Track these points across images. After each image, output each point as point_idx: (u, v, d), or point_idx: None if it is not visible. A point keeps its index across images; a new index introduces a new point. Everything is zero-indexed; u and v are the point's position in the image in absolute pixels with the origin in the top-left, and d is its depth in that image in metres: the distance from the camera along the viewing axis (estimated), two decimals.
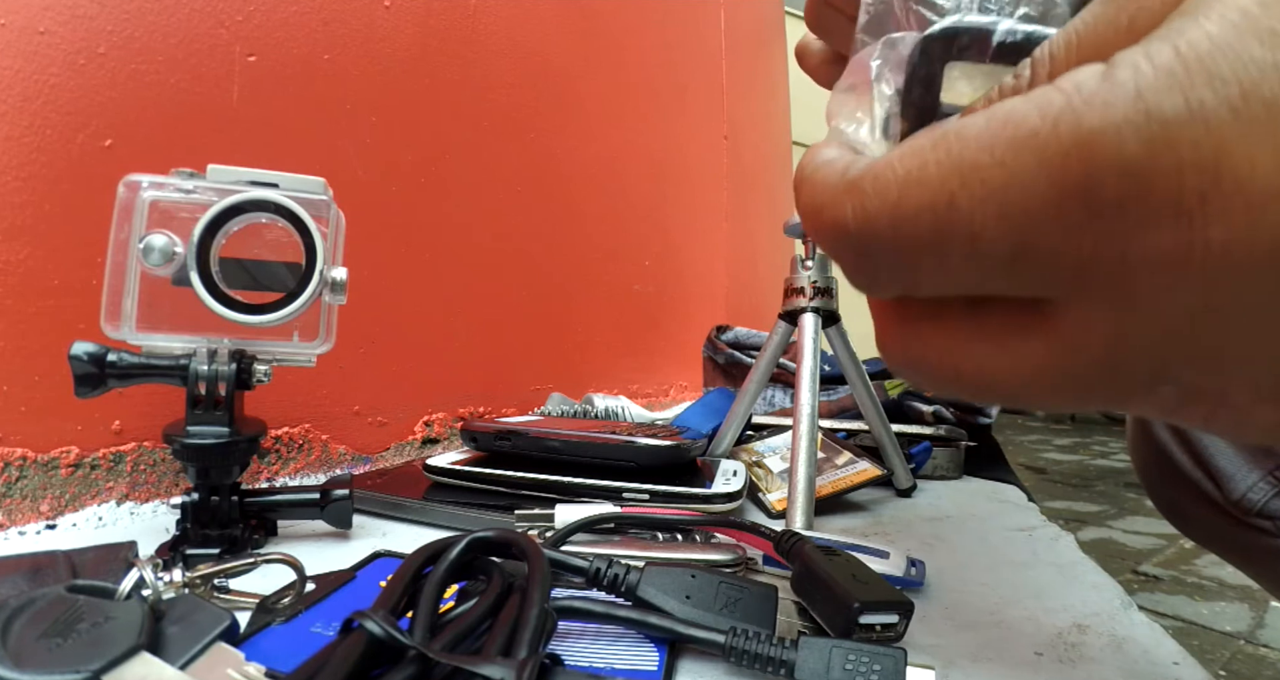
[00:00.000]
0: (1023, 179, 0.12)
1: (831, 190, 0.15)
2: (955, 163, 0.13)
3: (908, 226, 0.13)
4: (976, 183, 0.12)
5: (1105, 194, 0.11)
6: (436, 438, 0.57)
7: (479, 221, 0.62)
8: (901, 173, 0.13)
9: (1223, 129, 0.11)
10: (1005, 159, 0.12)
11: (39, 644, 0.17)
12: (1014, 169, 0.12)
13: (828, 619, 0.22)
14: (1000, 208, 0.12)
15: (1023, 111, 0.12)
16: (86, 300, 0.36)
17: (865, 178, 0.14)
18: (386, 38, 0.53)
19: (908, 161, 0.13)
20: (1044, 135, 0.12)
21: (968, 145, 0.13)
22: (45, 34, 0.36)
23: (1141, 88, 0.11)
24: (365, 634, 0.16)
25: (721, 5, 1.12)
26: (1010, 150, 0.12)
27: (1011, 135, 0.12)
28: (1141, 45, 0.12)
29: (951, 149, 0.13)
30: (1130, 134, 0.11)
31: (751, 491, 0.41)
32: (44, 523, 0.35)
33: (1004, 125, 0.12)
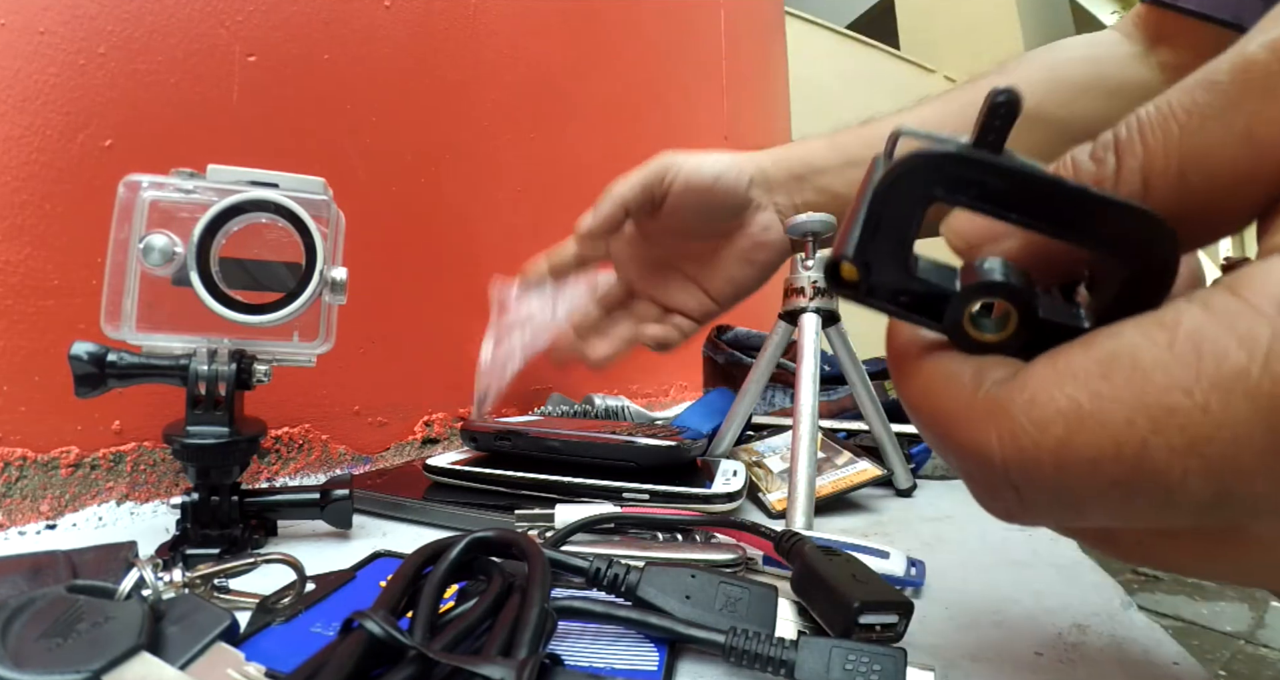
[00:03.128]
0: (1235, 429, 0.10)
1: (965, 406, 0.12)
2: (1142, 402, 0.11)
3: (1081, 471, 0.11)
4: (1175, 429, 0.10)
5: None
6: (436, 438, 0.57)
7: (479, 221, 0.62)
8: (1066, 405, 0.11)
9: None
10: (1210, 404, 0.10)
11: (39, 644, 0.17)
12: (1222, 417, 0.10)
13: (828, 619, 0.22)
14: (1206, 460, 0.10)
15: (1217, 340, 0.10)
16: (86, 300, 0.36)
17: (1015, 403, 0.12)
18: (386, 38, 0.53)
19: (1073, 390, 0.11)
20: (1256, 377, 0.10)
21: (1154, 380, 0.11)
22: (45, 34, 0.36)
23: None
24: (365, 634, 0.16)
25: (721, 5, 1.12)
26: (1217, 393, 0.10)
27: (1214, 374, 0.10)
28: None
29: (1133, 382, 0.11)
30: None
31: (751, 491, 0.41)
32: (44, 523, 0.35)
33: (1198, 357, 0.10)
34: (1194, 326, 0.11)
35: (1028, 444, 0.11)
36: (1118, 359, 0.11)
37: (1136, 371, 0.11)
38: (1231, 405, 0.10)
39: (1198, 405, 0.10)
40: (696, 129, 1.05)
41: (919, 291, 0.13)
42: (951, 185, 0.12)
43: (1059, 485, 0.11)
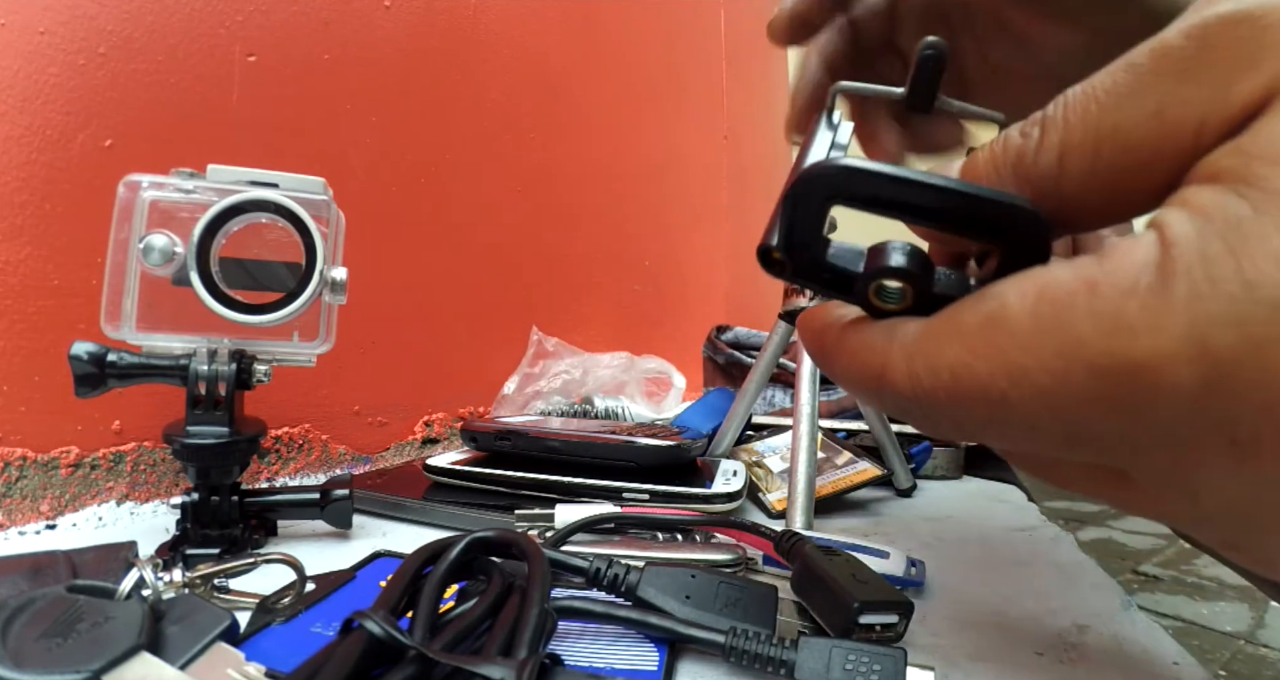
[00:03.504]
0: (1072, 388, 0.12)
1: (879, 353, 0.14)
2: (1003, 361, 0.12)
3: (967, 409, 0.13)
4: (1027, 386, 0.12)
5: (1157, 416, 0.11)
6: (436, 438, 0.57)
7: (479, 221, 0.62)
8: (952, 357, 0.13)
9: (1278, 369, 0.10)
10: (1053, 367, 0.12)
11: (39, 644, 0.17)
12: (1062, 378, 0.12)
13: (828, 619, 0.22)
14: (1051, 409, 0.12)
15: (1071, 312, 0.12)
16: (86, 300, 0.36)
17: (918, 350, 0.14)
18: (386, 38, 0.53)
19: (956, 345, 0.13)
20: (1094, 349, 0.11)
21: (1015, 342, 0.12)
22: (45, 34, 0.36)
23: (1197, 313, 0.10)
24: (365, 634, 0.16)
25: (721, 5, 1.12)
26: (1059, 359, 0.12)
27: (1060, 342, 0.12)
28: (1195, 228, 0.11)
29: (997, 343, 0.12)
30: (1184, 368, 0.10)
31: (751, 491, 0.41)
32: (44, 523, 0.35)
33: (1053, 326, 0.12)
34: (1055, 293, 0.12)
35: (927, 387, 0.13)
36: (992, 320, 0.13)
37: (1003, 332, 0.12)
38: (1070, 368, 0.11)
39: (1044, 367, 0.12)
40: (696, 129, 1.05)
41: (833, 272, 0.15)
42: (845, 194, 0.14)
43: (956, 417, 0.13)
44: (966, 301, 0.13)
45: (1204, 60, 0.11)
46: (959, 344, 0.13)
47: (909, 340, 0.14)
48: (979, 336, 0.13)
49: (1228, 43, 0.11)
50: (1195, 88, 0.11)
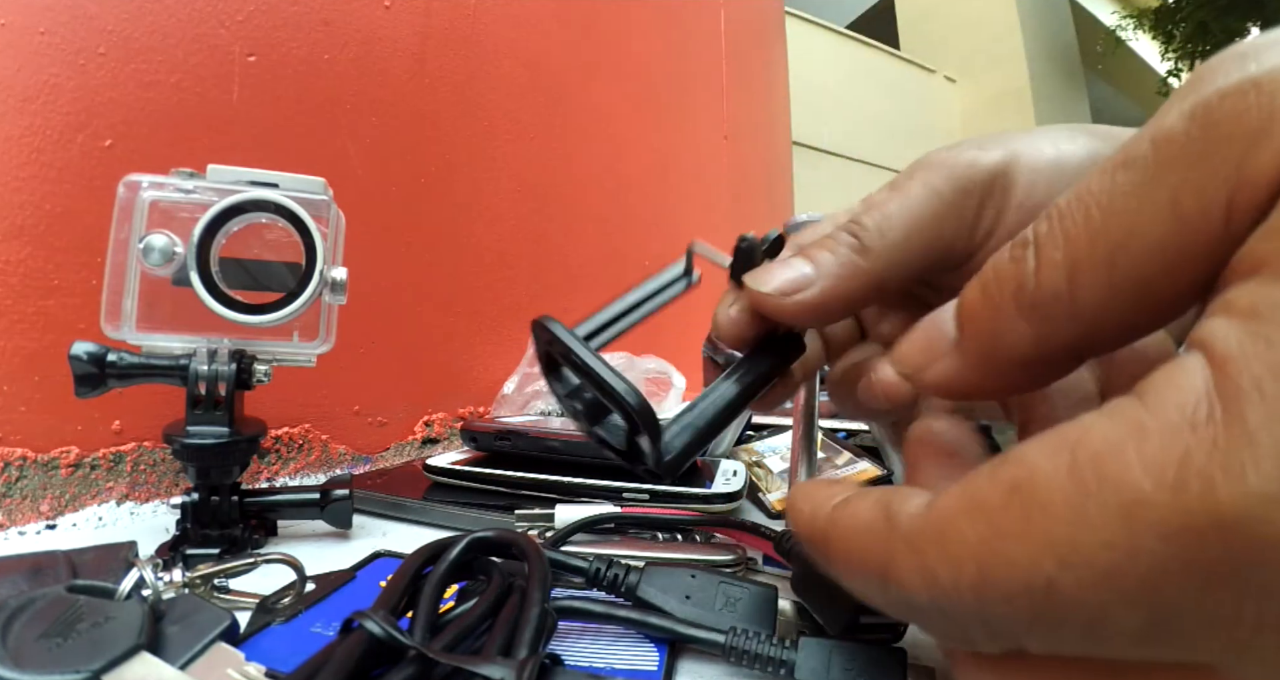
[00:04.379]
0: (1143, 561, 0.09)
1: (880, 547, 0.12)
2: (1045, 539, 0.10)
3: (1000, 608, 0.11)
4: (1081, 565, 0.10)
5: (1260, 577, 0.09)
6: (436, 438, 0.57)
7: (479, 221, 0.62)
8: (975, 542, 0.11)
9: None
10: (1115, 539, 0.09)
11: (39, 644, 0.17)
12: (1129, 550, 0.09)
13: (828, 619, 0.22)
14: (1120, 595, 0.10)
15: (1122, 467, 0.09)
16: (86, 300, 0.36)
17: (923, 538, 0.11)
18: (386, 38, 0.53)
19: (977, 526, 0.11)
20: (1163, 510, 0.09)
21: (1054, 513, 0.10)
22: (45, 34, 0.36)
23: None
24: (365, 634, 0.16)
25: (721, 5, 1.12)
26: (1121, 528, 0.09)
27: (1115, 505, 0.09)
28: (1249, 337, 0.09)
29: (1033, 518, 0.10)
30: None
31: (751, 491, 0.41)
32: (44, 523, 0.35)
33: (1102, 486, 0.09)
34: (1095, 446, 0.10)
35: (946, 584, 0.11)
36: (1020, 489, 0.10)
37: (1037, 503, 0.10)
38: (1137, 540, 0.09)
39: (1101, 541, 0.09)
40: (696, 129, 1.05)
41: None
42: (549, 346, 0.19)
43: (986, 618, 0.11)
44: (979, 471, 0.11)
45: (1213, 138, 0.10)
46: (981, 524, 0.11)
47: (914, 526, 0.12)
48: (1006, 512, 0.10)
49: (1235, 115, 0.10)
50: (1210, 170, 0.10)
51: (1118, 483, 0.09)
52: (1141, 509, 0.09)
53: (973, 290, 0.13)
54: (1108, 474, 0.09)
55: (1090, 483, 0.10)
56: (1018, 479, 0.10)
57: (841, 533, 0.13)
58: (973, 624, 0.11)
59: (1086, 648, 0.11)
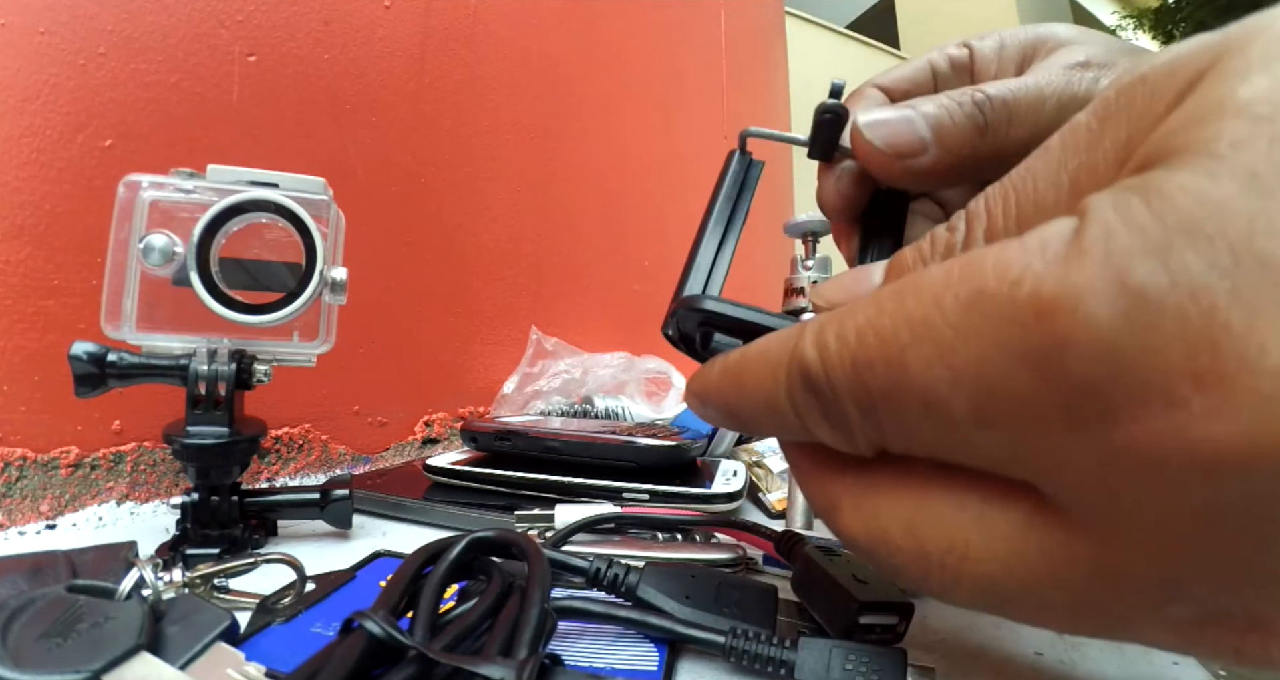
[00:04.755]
0: (975, 345, 0.10)
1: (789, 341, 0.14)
2: (906, 315, 0.11)
3: (865, 376, 0.12)
4: (927, 341, 0.11)
5: (1073, 375, 0.10)
6: (436, 438, 0.57)
7: (479, 221, 0.62)
8: (862, 319, 0.12)
9: (1214, 297, 0.09)
10: (955, 319, 0.11)
11: (39, 644, 0.17)
12: (965, 332, 0.11)
13: (828, 619, 0.22)
14: (951, 373, 0.11)
15: (979, 266, 0.11)
16: (86, 300, 0.36)
17: (830, 321, 0.13)
18: (386, 38, 0.53)
19: (868, 308, 0.12)
20: (999, 297, 0.10)
21: (921, 297, 0.11)
22: (45, 34, 0.36)
23: (1113, 250, 0.09)
24: (365, 634, 0.16)
25: (721, 5, 1.12)
26: (961, 310, 0.11)
27: (965, 292, 0.11)
28: (1110, 193, 0.10)
29: (905, 299, 0.12)
30: (1101, 305, 0.09)
31: (751, 491, 0.41)
32: (44, 523, 0.35)
33: (960, 279, 0.11)
34: (970, 257, 0.11)
35: (833, 353, 0.13)
36: (906, 282, 0.12)
37: (912, 290, 0.12)
38: (973, 321, 0.11)
39: (946, 320, 0.11)
40: (696, 129, 1.05)
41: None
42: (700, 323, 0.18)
43: (855, 389, 0.13)
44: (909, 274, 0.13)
45: (1107, 129, 0.12)
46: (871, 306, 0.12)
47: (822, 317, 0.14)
48: (891, 296, 0.12)
49: (1127, 103, 0.11)
50: (1101, 153, 0.12)
51: (973, 277, 0.11)
52: (982, 298, 0.11)
53: (908, 250, 0.15)
54: (969, 271, 0.11)
55: (955, 276, 0.11)
56: (909, 278, 0.12)
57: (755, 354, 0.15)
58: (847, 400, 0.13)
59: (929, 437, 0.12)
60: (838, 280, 0.16)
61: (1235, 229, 0.09)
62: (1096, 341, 0.09)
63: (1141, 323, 0.09)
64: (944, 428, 0.12)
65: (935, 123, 0.19)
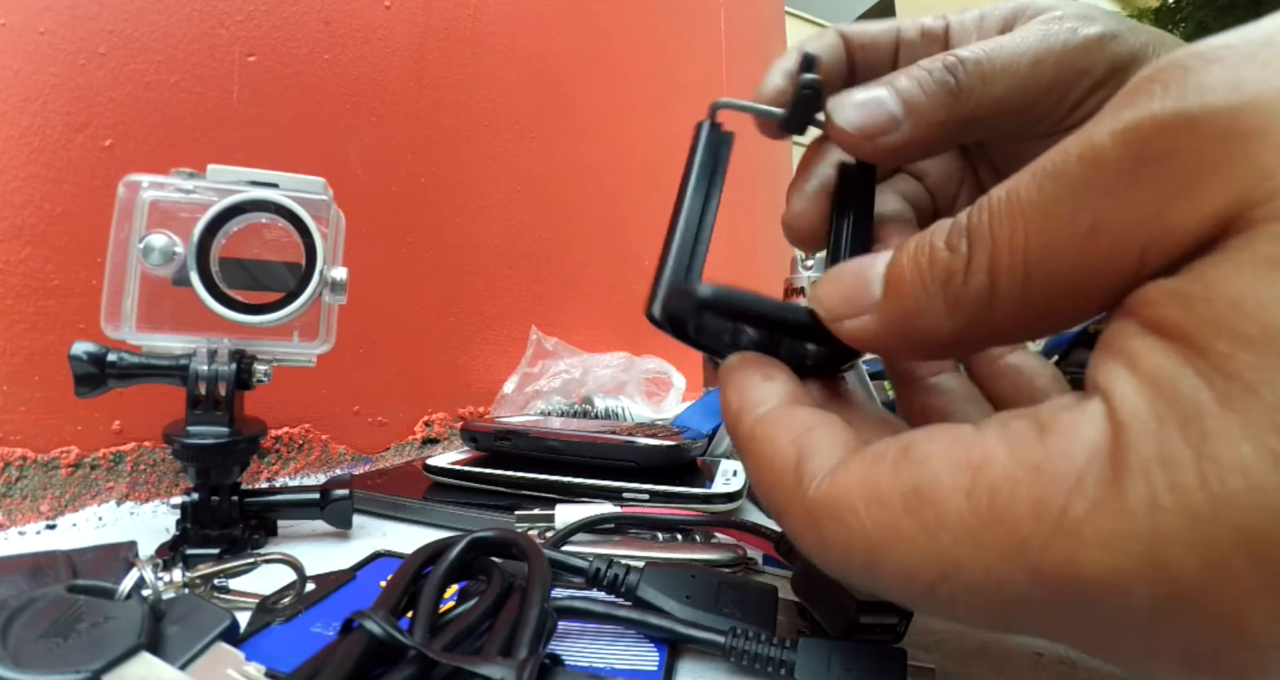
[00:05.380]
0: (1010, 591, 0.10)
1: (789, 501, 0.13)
2: (935, 552, 0.11)
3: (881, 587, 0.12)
4: (959, 582, 0.11)
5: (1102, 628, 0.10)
6: (436, 438, 0.57)
7: (479, 221, 0.62)
8: (870, 529, 0.12)
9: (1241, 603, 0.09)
10: (992, 566, 0.10)
11: (39, 644, 0.17)
12: (1001, 580, 0.10)
13: (828, 619, 0.22)
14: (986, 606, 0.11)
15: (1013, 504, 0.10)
16: (86, 300, 0.36)
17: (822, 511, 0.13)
18: (386, 38, 0.53)
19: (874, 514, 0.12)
20: (1038, 553, 0.10)
21: (948, 531, 0.11)
22: (45, 34, 0.36)
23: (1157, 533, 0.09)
24: (365, 634, 0.16)
25: (721, 5, 1.12)
26: (999, 559, 0.10)
27: (1001, 539, 0.10)
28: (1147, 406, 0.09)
29: (928, 527, 0.11)
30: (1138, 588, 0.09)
31: (751, 492, 0.41)
32: (44, 523, 0.35)
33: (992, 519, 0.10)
34: (995, 476, 0.11)
35: (837, 557, 0.13)
36: (920, 495, 0.11)
37: (933, 515, 0.11)
38: (1011, 572, 0.10)
39: (982, 567, 0.10)
40: None
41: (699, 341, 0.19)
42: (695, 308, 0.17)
43: (870, 588, 0.13)
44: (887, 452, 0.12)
45: (1141, 174, 0.10)
46: (878, 515, 0.12)
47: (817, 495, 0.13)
48: (904, 513, 0.11)
49: (1165, 155, 0.10)
50: (1132, 207, 0.10)
51: (1008, 520, 0.10)
52: (1022, 549, 0.10)
53: (906, 260, 0.14)
54: (999, 508, 0.10)
55: (983, 510, 0.10)
56: (919, 484, 0.11)
57: (756, 455, 0.15)
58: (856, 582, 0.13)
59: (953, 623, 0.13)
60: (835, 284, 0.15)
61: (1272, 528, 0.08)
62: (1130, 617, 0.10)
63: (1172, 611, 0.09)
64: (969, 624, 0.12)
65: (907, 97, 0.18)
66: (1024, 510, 0.10)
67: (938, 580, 0.11)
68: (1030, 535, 0.10)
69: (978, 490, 0.11)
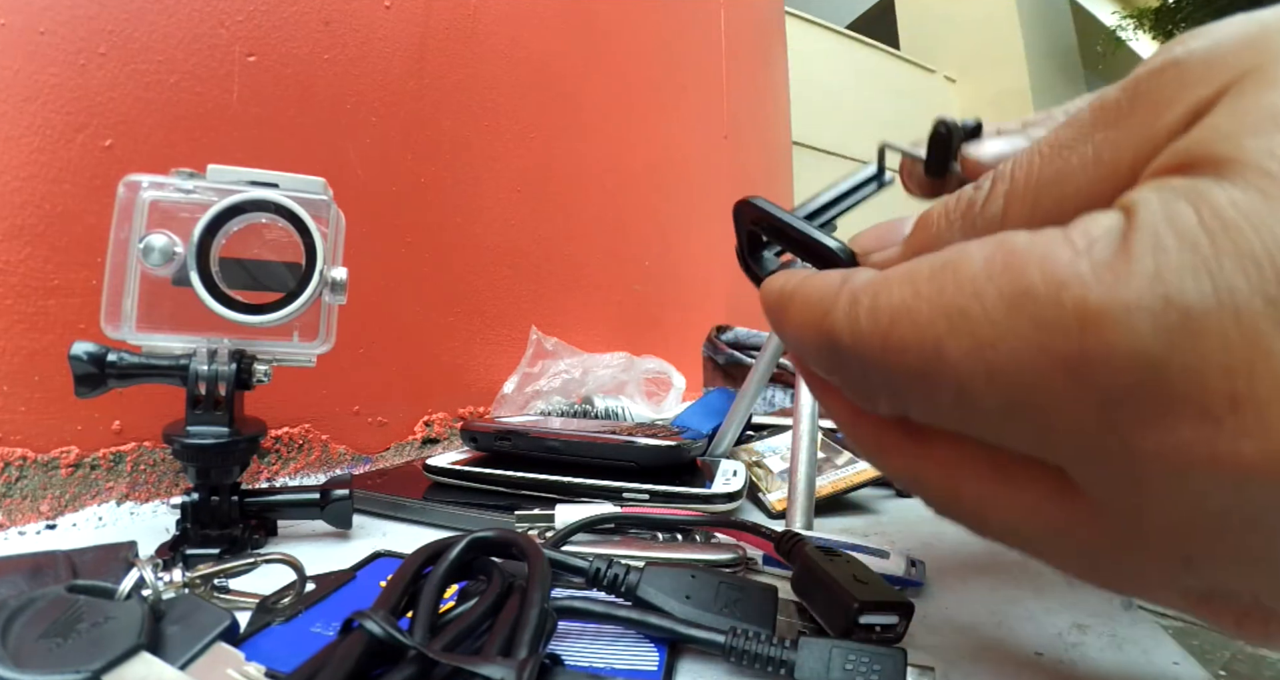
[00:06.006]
0: (1014, 343, 0.11)
1: (829, 297, 0.14)
2: (946, 304, 0.12)
3: (896, 358, 0.12)
4: (965, 333, 0.11)
5: (1110, 380, 0.10)
6: (436, 438, 0.57)
7: (479, 221, 0.62)
8: (897, 299, 0.12)
9: (1257, 322, 0.09)
10: (997, 315, 0.11)
11: (39, 644, 0.17)
12: (1006, 329, 0.11)
13: (828, 619, 0.22)
14: (987, 367, 0.11)
15: (1025, 262, 0.11)
16: (86, 300, 0.36)
17: (865, 291, 0.13)
18: (386, 38, 0.53)
19: (904, 287, 0.12)
20: (1043, 300, 0.10)
21: (962, 287, 0.11)
22: (45, 34, 0.36)
23: (1162, 266, 0.10)
24: (365, 634, 0.16)
25: (721, 5, 1.12)
26: (1003, 306, 0.11)
27: (1008, 288, 0.11)
28: (1158, 194, 0.10)
29: (945, 286, 0.12)
30: (1145, 321, 0.09)
31: (751, 491, 0.41)
32: (44, 523, 0.35)
33: (1003, 272, 0.11)
34: (1015, 245, 0.11)
35: (865, 327, 0.13)
36: (947, 265, 0.12)
37: (954, 278, 0.12)
38: (1015, 320, 0.11)
39: (987, 315, 0.11)
40: (696, 129, 1.05)
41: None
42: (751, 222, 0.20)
43: (885, 371, 0.13)
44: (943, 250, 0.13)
45: (1135, 106, 0.12)
46: (908, 286, 0.12)
47: (859, 283, 0.14)
48: (928, 279, 0.12)
49: (1154, 87, 0.12)
50: (1128, 131, 0.12)
51: (1017, 273, 0.11)
52: (1026, 298, 0.11)
53: (936, 205, 0.15)
54: (1012, 264, 0.11)
55: (998, 268, 0.11)
56: (950, 258, 0.12)
57: (803, 292, 0.15)
58: (874, 375, 0.13)
59: (955, 419, 0.13)
60: (873, 229, 0.17)
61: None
62: (1139, 354, 0.10)
63: (1185, 340, 0.09)
64: (973, 413, 0.12)
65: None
66: (1033, 267, 0.11)
67: (945, 334, 0.11)
68: (1037, 285, 0.10)
69: (996, 255, 0.11)
